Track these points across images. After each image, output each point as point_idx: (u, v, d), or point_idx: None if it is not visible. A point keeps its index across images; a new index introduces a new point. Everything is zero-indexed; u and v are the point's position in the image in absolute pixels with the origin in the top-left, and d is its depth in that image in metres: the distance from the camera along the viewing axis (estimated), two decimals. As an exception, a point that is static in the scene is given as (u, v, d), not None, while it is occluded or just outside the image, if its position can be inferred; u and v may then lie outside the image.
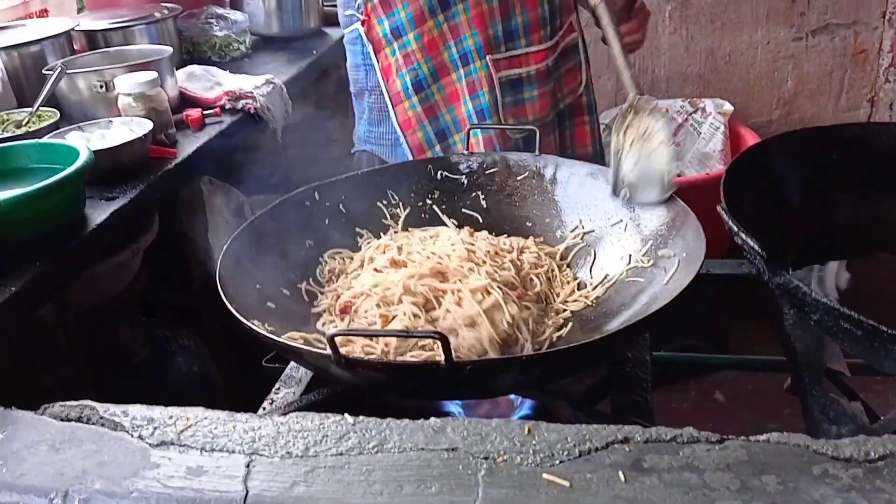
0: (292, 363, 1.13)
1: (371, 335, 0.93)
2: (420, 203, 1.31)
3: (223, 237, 2.07)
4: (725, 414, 2.41)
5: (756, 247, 0.89)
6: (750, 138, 2.69)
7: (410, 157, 1.49)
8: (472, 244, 1.14)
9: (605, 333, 0.90)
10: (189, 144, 1.56)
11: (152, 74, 1.50)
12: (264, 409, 1.08)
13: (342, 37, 2.39)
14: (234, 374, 1.94)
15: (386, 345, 0.98)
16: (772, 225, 1.15)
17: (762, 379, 2.18)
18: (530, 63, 1.41)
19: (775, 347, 1.22)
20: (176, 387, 1.68)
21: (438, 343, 0.76)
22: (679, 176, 2.74)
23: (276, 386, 1.12)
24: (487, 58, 1.38)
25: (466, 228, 1.24)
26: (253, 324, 0.98)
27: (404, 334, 0.90)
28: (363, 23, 1.43)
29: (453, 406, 1.11)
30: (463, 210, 1.31)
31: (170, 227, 1.73)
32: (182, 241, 1.87)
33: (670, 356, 1.44)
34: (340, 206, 1.28)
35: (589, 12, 1.30)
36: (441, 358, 0.77)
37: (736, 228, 0.93)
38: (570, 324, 1.07)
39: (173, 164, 1.47)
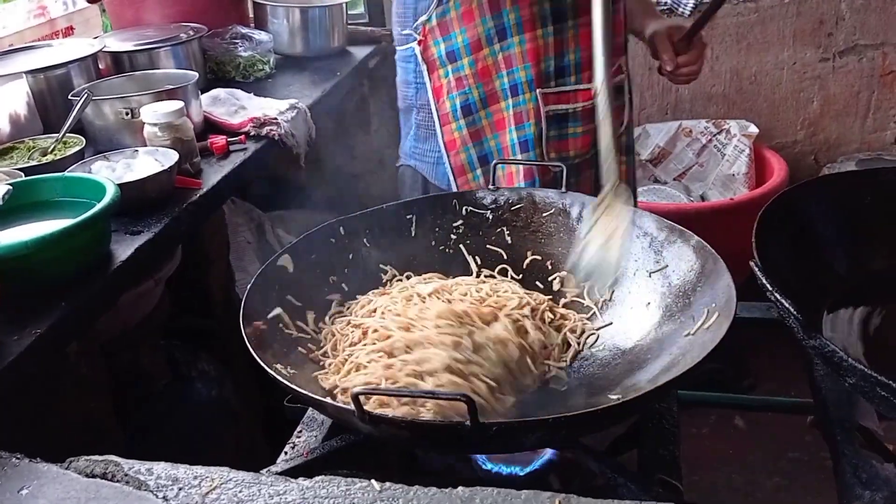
0: (314, 404, 1.12)
1: (396, 395, 0.92)
2: (444, 237, 1.30)
3: (244, 258, 2.09)
4: (745, 440, 2.38)
5: (792, 309, 0.87)
6: (775, 161, 2.66)
7: (451, 178, 1.53)
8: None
9: (637, 393, 0.89)
10: (214, 173, 1.56)
11: (178, 104, 1.49)
12: (286, 453, 1.07)
13: (366, 56, 2.41)
14: (253, 398, 1.94)
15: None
16: (804, 274, 1.13)
17: (784, 406, 2.16)
18: (578, 100, 1.44)
19: (795, 375, 1.20)
20: (195, 413, 1.68)
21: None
22: (703, 199, 2.71)
23: (299, 429, 1.11)
24: (537, 91, 1.41)
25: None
26: (276, 369, 0.97)
27: (430, 395, 0.88)
28: (419, 42, 1.46)
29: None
30: (487, 246, 1.30)
31: (190, 248, 1.73)
32: (202, 263, 1.87)
33: (696, 396, 1.42)
34: (365, 240, 1.27)
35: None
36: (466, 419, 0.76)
37: (770, 287, 0.91)
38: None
39: (198, 195, 1.46)
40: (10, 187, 1.18)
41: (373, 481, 0.77)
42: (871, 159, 2.77)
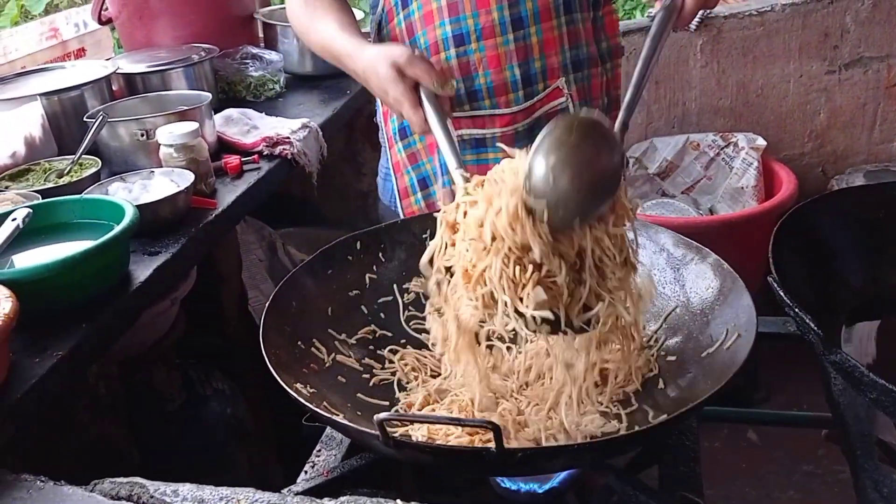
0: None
1: (422, 421, 0.92)
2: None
3: (256, 276, 2.10)
4: (758, 453, 2.37)
5: (813, 325, 0.88)
6: (783, 174, 2.66)
7: (398, 200, 1.50)
8: None
9: (658, 421, 0.89)
10: (228, 193, 1.57)
11: (193, 125, 1.51)
12: (306, 472, 1.07)
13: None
14: (265, 416, 1.94)
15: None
16: (820, 289, 1.13)
17: (796, 419, 2.15)
18: (495, 125, 1.38)
19: (808, 388, 1.19)
20: (210, 432, 1.69)
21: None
22: (711, 213, 2.72)
23: (318, 448, 1.11)
24: None
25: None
26: (296, 388, 0.98)
27: (456, 422, 0.89)
28: None
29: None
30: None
31: (204, 267, 1.74)
32: (216, 282, 1.88)
33: (712, 410, 1.41)
34: (381, 255, 1.28)
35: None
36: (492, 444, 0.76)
37: (791, 303, 0.91)
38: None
39: (213, 215, 1.47)
40: (31, 210, 1.19)
41: (398, 501, 0.77)
42: (879, 171, 2.77)
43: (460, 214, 0.97)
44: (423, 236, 1.30)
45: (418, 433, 0.96)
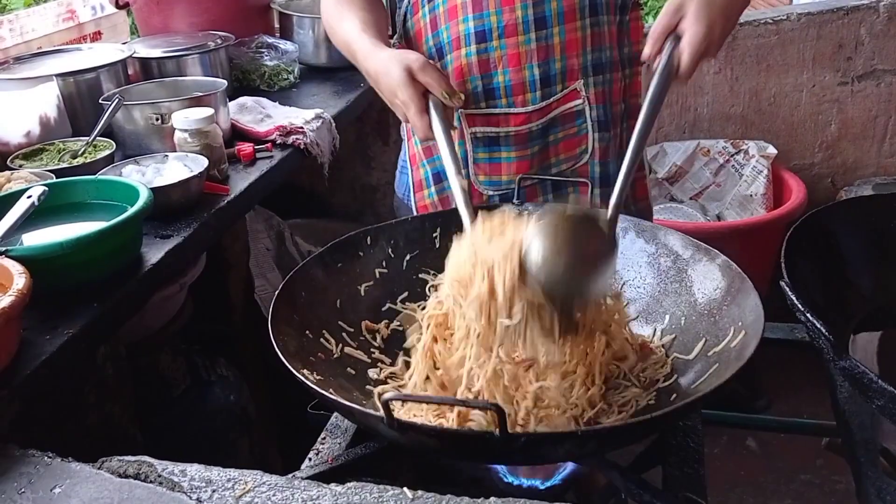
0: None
1: (426, 401, 0.92)
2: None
3: (263, 265, 2.10)
4: (757, 462, 2.38)
5: (824, 330, 0.88)
6: (793, 183, 2.66)
7: (412, 192, 1.50)
8: None
9: (662, 411, 0.89)
10: (241, 180, 1.58)
11: (208, 111, 1.51)
12: (310, 459, 1.07)
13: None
14: (269, 404, 1.95)
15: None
16: (830, 296, 1.13)
17: (797, 428, 2.16)
18: (509, 124, 1.36)
19: (808, 396, 1.19)
20: (213, 418, 1.69)
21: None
22: (718, 219, 2.72)
23: (322, 436, 1.11)
24: (461, 111, 1.36)
25: None
26: (304, 374, 0.98)
27: (461, 403, 0.89)
28: None
29: (498, 463, 1.10)
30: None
31: (211, 253, 1.75)
32: (223, 269, 1.89)
33: (717, 415, 1.41)
34: (390, 251, 1.28)
35: None
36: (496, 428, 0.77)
37: (802, 308, 0.91)
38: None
39: (225, 201, 1.48)
40: (46, 188, 1.19)
41: (405, 489, 0.77)
42: (888, 183, 2.77)
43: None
44: (434, 234, 1.30)
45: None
